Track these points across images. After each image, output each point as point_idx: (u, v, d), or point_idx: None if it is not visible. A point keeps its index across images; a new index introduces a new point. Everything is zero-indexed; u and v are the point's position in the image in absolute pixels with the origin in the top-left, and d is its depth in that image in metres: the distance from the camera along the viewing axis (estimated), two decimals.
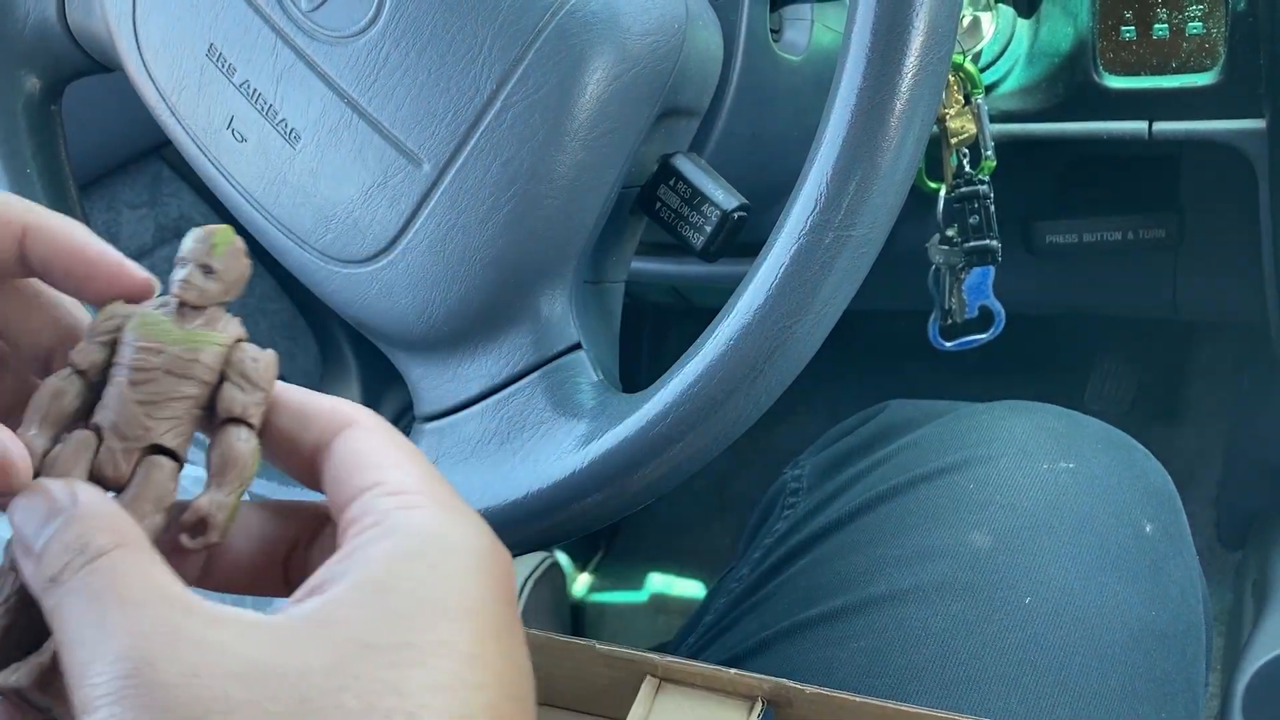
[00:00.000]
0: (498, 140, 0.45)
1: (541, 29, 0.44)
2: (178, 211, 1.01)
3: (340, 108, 0.47)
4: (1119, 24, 0.65)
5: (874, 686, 0.46)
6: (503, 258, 0.46)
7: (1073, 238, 0.75)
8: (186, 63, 0.51)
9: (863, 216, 0.40)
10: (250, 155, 0.49)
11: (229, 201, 0.51)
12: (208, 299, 0.30)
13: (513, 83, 0.44)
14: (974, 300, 0.68)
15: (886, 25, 0.39)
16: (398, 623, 0.24)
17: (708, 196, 0.47)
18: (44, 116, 0.60)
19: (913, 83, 0.39)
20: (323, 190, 0.48)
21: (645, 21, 0.45)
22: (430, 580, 0.25)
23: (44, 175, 0.59)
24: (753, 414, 0.42)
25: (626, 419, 0.43)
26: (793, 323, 0.40)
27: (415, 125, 0.45)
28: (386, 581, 0.25)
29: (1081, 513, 0.51)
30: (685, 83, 0.48)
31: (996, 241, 0.65)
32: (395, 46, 0.46)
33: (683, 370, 0.42)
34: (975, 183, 0.65)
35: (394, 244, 0.47)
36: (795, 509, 0.58)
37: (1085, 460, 0.53)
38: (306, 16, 0.47)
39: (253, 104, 0.49)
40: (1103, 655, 0.47)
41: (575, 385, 0.47)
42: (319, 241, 0.48)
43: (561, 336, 0.47)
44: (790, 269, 0.40)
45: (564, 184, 0.45)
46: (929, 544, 0.50)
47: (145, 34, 0.52)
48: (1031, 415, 0.56)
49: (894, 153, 0.39)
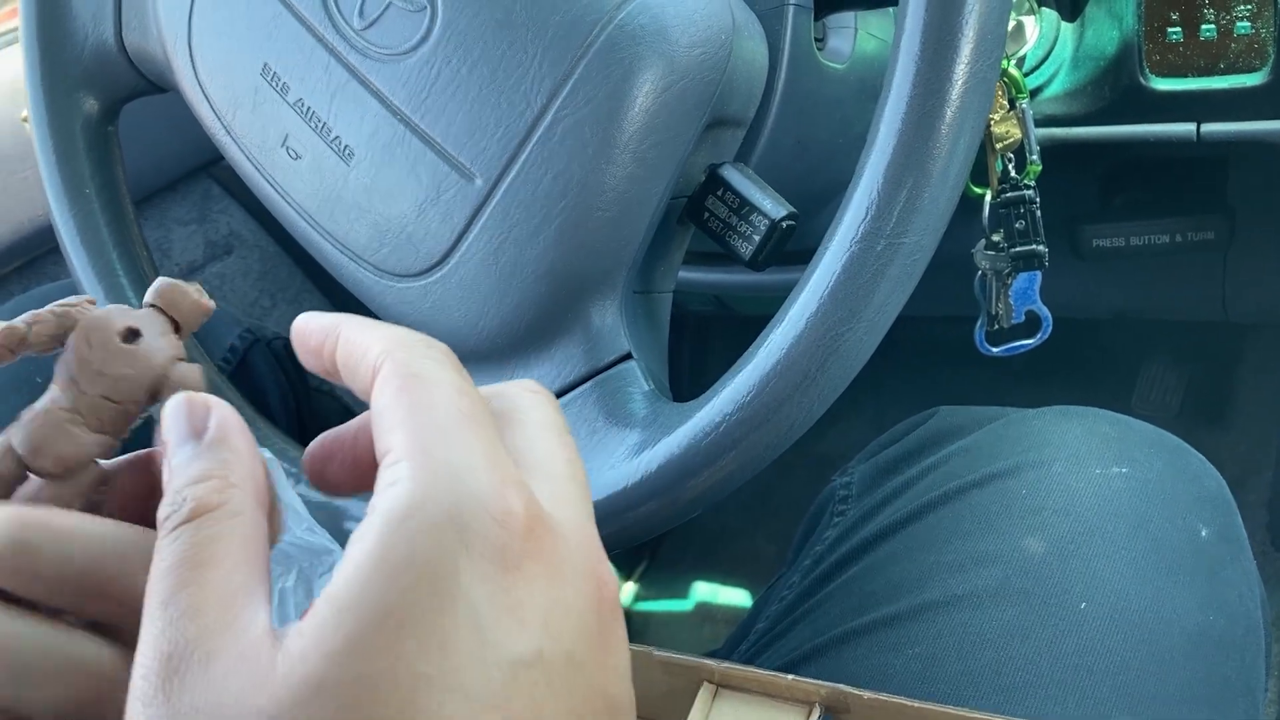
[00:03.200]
0: (548, 154, 0.45)
1: (590, 43, 0.44)
2: (227, 228, 1.03)
3: (393, 124, 0.47)
4: (1165, 26, 0.65)
5: (929, 692, 0.46)
6: (554, 269, 0.46)
7: (1120, 241, 0.75)
8: (241, 82, 0.52)
9: (914, 224, 0.40)
10: (305, 172, 0.50)
11: (284, 218, 0.52)
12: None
13: (563, 97, 0.45)
14: (1020, 305, 0.68)
15: (936, 34, 0.39)
16: (350, 653, 0.22)
17: (756, 206, 0.47)
18: (102, 137, 0.61)
19: (963, 90, 0.39)
20: (377, 206, 0.48)
21: (693, 34, 0.46)
22: (384, 590, 0.22)
23: (102, 194, 0.60)
24: (805, 422, 0.43)
25: (679, 428, 0.43)
26: (845, 330, 0.40)
27: (467, 140, 0.46)
28: (342, 599, 0.23)
29: (1136, 517, 0.50)
30: (732, 93, 0.48)
31: (1043, 246, 0.64)
32: (447, 63, 0.46)
33: (735, 379, 0.42)
34: (1021, 188, 0.64)
35: (447, 258, 0.47)
36: (845, 516, 0.58)
37: (1138, 465, 0.53)
38: (359, 35, 0.48)
39: (307, 122, 0.50)
40: (1160, 660, 0.46)
41: (627, 395, 0.47)
42: (373, 256, 0.49)
43: (612, 347, 0.48)
44: (842, 277, 0.40)
45: (614, 196, 0.46)
46: (982, 550, 0.50)
47: (201, 55, 0.53)
48: (1083, 420, 0.56)
49: (944, 160, 0.40)
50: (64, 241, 0.59)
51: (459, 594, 0.23)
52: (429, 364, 0.27)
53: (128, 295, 0.58)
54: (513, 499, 0.24)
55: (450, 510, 0.23)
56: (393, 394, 0.26)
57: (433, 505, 0.23)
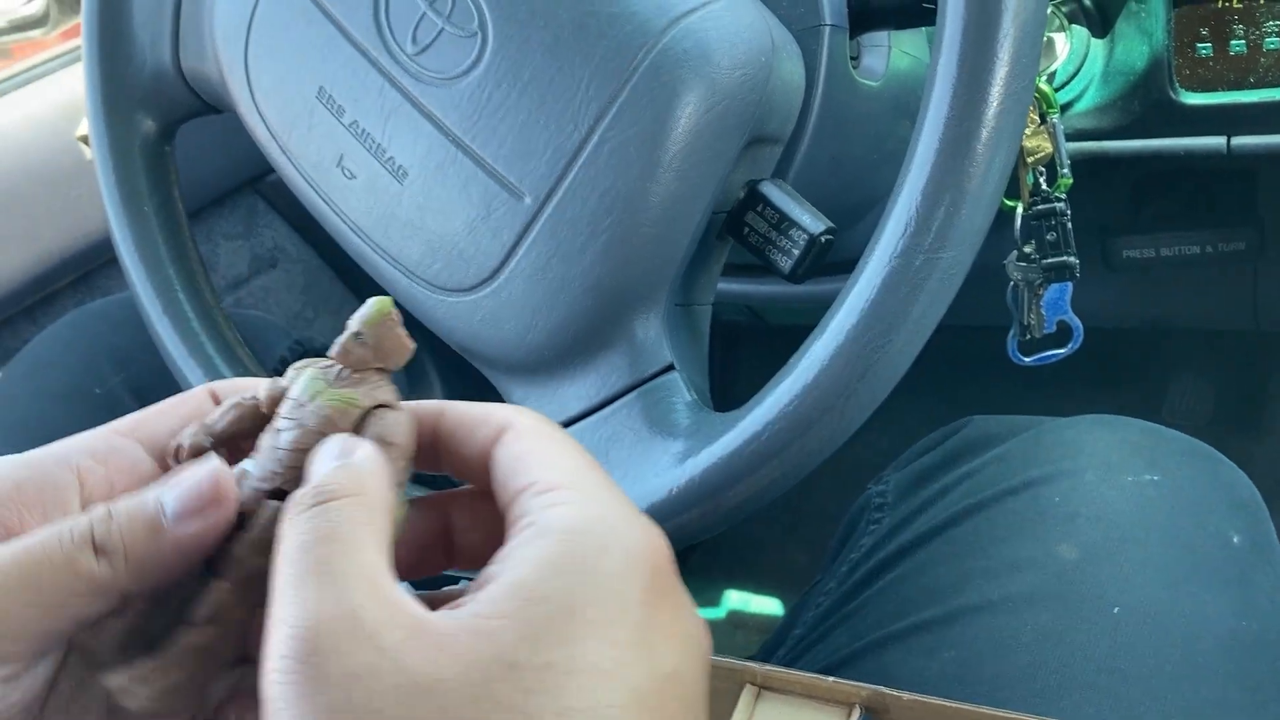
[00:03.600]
0: (595, 173, 0.47)
1: (636, 67, 0.46)
2: (272, 242, 1.05)
3: (445, 145, 0.49)
4: (1195, 41, 0.66)
5: (965, 695, 0.46)
6: (600, 284, 0.48)
7: (1150, 252, 0.76)
8: (297, 104, 0.54)
9: (951, 240, 0.41)
10: (360, 191, 0.52)
11: (339, 235, 0.54)
12: (357, 363, 0.32)
13: (609, 118, 0.46)
14: (1052, 315, 0.69)
15: (972, 58, 0.40)
16: (539, 639, 0.25)
17: (795, 221, 0.48)
18: (159, 156, 0.63)
19: (998, 111, 0.40)
20: (429, 224, 0.50)
21: (734, 56, 0.47)
22: (571, 588, 0.26)
23: (159, 213, 0.62)
24: (845, 431, 0.44)
25: (722, 437, 0.45)
26: (884, 343, 0.42)
27: (517, 160, 0.48)
28: (532, 590, 0.26)
29: (1168, 524, 0.51)
30: (771, 112, 0.50)
31: (1074, 257, 0.65)
32: (497, 87, 0.48)
33: (777, 389, 0.44)
34: (1052, 200, 0.65)
35: (497, 273, 0.49)
36: (880, 524, 0.59)
37: (1170, 472, 0.54)
38: (413, 59, 0.50)
39: (362, 143, 0.51)
40: (1193, 664, 0.47)
41: (670, 405, 0.48)
42: (426, 272, 0.51)
43: (655, 358, 0.49)
44: (882, 290, 0.42)
45: (658, 213, 0.47)
46: (1016, 556, 0.51)
47: (257, 77, 0.55)
48: (1115, 429, 0.57)
49: (980, 178, 0.41)
50: (123, 257, 0.61)
51: (628, 606, 0.26)
52: (550, 425, 0.30)
53: (184, 311, 0.60)
54: (657, 535, 0.28)
55: (618, 532, 0.27)
56: (536, 440, 0.29)
57: (602, 526, 0.27)
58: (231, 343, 0.61)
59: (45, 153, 0.91)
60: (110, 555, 0.28)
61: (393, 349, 0.32)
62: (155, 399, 0.57)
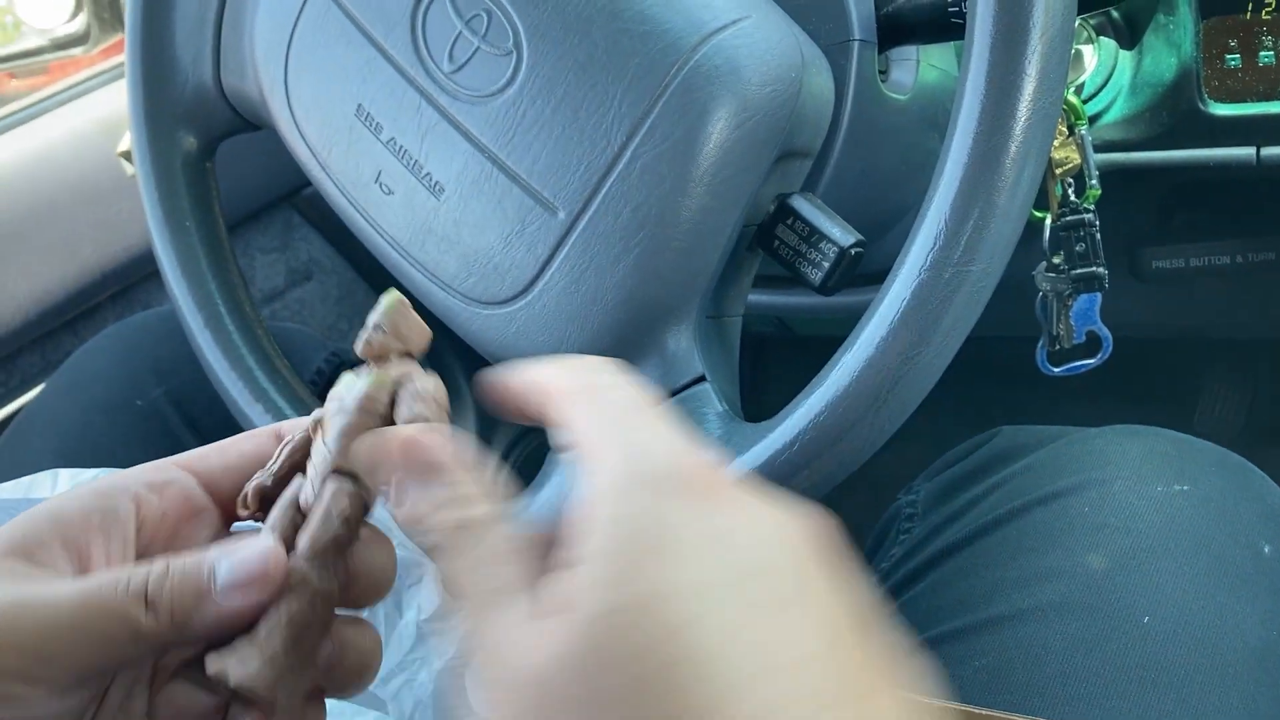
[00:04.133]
0: (628, 188, 0.47)
1: (668, 84, 0.47)
2: (307, 255, 1.07)
3: (481, 161, 0.50)
4: (1223, 52, 0.66)
5: (996, 703, 0.47)
6: (632, 297, 0.48)
7: (1180, 262, 0.76)
8: (336, 121, 0.55)
9: (981, 252, 0.42)
10: (397, 207, 0.53)
11: (376, 249, 0.55)
12: (381, 349, 0.34)
13: (641, 134, 0.47)
14: (1081, 326, 0.69)
15: (1000, 72, 0.41)
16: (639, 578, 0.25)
17: (825, 234, 0.49)
18: (200, 173, 0.65)
19: (1026, 125, 0.41)
20: (465, 238, 0.51)
21: (764, 72, 0.48)
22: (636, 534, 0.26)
23: (201, 228, 0.64)
24: (875, 442, 0.44)
25: (754, 447, 0.45)
26: (915, 354, 0.42)
27: (551, 176, 0.49)
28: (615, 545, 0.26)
29: (1198, 534, 0.51)
30: (801, 126, 0.50)
31: (1103, 268, 0.66)
32: (532, 104, 0.49)
33: (808, 399, 0.44)
34: (1080, 211, 0.66)
35: (531, 286, 0.50)
36: (911, 533, 0.59)
37: (1200, 483, 0.54)
38: (449, 78, 0.51)
39: (399, 159, 0.52)
40: (1223, 674, 0.47)
41: (702, 416, 0.49)
42: (462, 285, 0.52)
43: (687, 369, 0.50)
44: (912, 302, 0.42)
45: (689, 227, 0.48)
46: (1046, 566, 0.51)
47: (297, 96, 0.57)
48: (1144, 439, 0.57)
49: (1009, 191, 0.41)
50: (165, 272, 0.63)
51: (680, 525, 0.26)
52: (596, 374, 0.31)
53: (225, 323, 0.61)
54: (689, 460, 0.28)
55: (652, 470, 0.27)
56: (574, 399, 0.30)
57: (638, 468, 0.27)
58: (271, 355, 0.62)
59: (86, 169, 0.92)
60: (158, 611, 0.30)
61: (410, 332, 0.34)
62: (196, 410, 0.59)
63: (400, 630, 0.48)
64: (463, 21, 0.50)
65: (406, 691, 0.43)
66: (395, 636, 0.48)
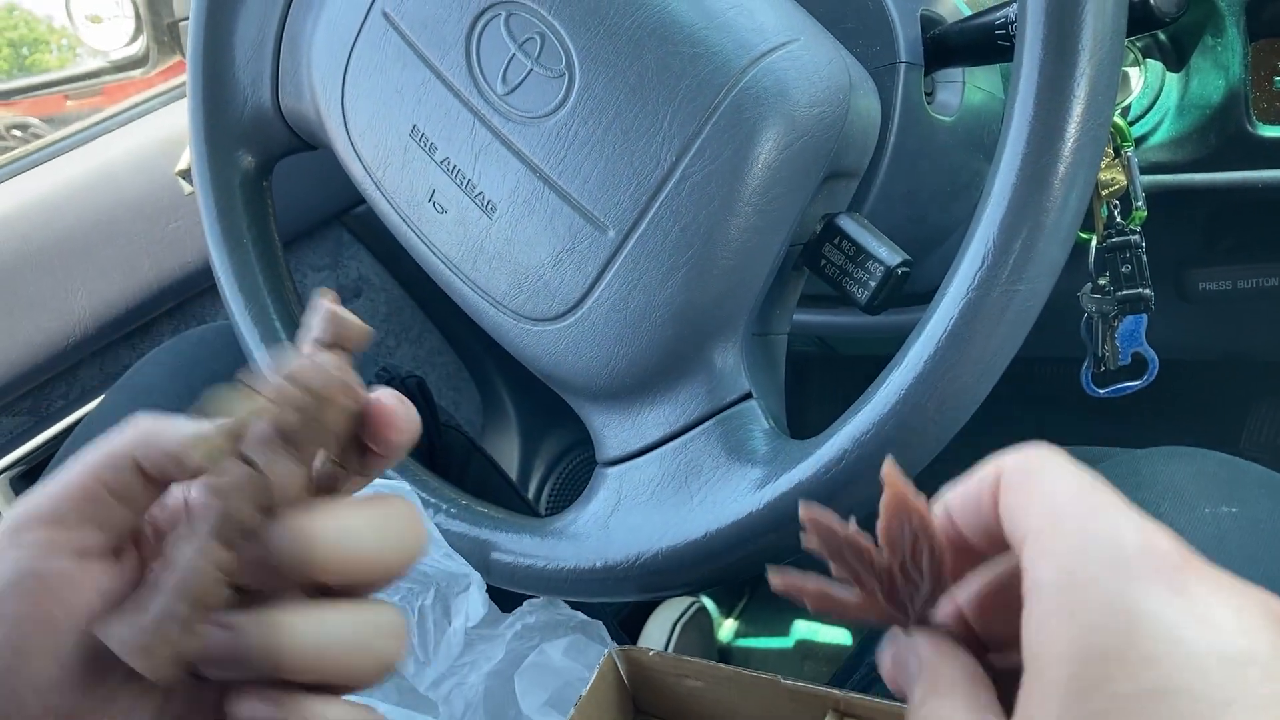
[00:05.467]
0: (677, 207, 0.48)
1: (718, 105, 0.48)
2: (356, 273, 1.09)
3: (533, 181, 0.51)
4: (1272, 74, 0.66)
5: None
6: (680, 314, 0.49)
7: (1227, 284, 0.75)
8: (391, 141, 0.56)
9: (1028, 272, 0.42)
10: (450, 225, 0.54)
11: (429, 266, 0.56)
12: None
13: (691, 155, 0.48)
14: (1127, 347, 0.69)
15: (1049, 95, 0.41)
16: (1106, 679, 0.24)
17: (872, 254, 0.49)
18: (257, 191, 0.66)
19: (1074, 148, 0.41)
20: (517, 256, 0.52)
21: (812, 94, 0.48)
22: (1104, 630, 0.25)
23: (257, 245, 0.65)
24: (920, 461, 0.45)
25: (800, 464, 0.46)
26: (961, 373, 0.42)
27: (601, 195, 0.50)
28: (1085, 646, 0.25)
29: (1245, 556, 0.51)
30: (848, 148, 0.51)
31: (1149, 290, 0.65)
32: (583, 125, 0.50)
33: (855, 418, 0.45)
34: (1126, 233, 0.66)
35: (581, 303, 0.51)
36: None
37: (1248, 505, 0.53)
38: (502, 99, 0.52)
39: (453, 179, 0.54)
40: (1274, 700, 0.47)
41: (748, 432, 0.49)
42: (513, 302, 0.53)
43: (734, 386, 0.50)
44: (959, 322, 0.42)
45: (737, 246, 0.48)
46: None
47: (353, 116, 0.58)
48: (1191, 461, 0.56)
49: (1057, 212, 0.42)
50: (223, 287, 0.64)
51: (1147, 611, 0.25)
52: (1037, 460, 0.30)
53: (281, 338, 0.63)
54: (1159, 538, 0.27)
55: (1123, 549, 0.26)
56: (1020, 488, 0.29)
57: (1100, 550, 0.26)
58: None
59: (145, 187, 0.95)
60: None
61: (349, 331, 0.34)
62: None
63: (449, 636, 0.49)
64: (516, 44, 0.52)
65: (457, 694, 0.43)
66: (444, 642, 0.49)
